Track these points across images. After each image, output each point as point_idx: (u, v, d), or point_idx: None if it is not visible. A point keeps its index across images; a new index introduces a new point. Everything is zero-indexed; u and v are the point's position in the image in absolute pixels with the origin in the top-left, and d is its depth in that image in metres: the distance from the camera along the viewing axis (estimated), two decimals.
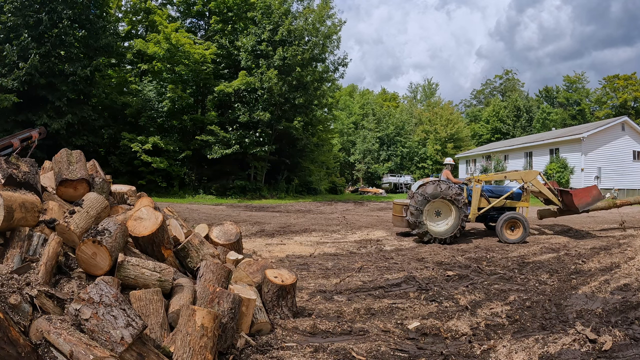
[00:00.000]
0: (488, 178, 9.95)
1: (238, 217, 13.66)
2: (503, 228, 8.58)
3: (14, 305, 2.33)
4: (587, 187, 10.09)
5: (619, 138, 25.65)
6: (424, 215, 8.48)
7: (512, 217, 8.66)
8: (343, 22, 28.44)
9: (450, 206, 8.56)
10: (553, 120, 47.38)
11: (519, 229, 8.64)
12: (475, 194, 9.16)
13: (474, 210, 9.08)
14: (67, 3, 20.71)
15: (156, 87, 26.21)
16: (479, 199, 9.14)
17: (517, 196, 9.48)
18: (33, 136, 7.59)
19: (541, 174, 9.72)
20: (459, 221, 8.47)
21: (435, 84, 65.86)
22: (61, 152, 3.90)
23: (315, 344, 3.23)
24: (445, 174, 9.68)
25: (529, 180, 9.34)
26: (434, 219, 8.70)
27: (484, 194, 9.30)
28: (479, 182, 9.19)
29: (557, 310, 4.14)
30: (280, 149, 26.94)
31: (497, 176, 10.31)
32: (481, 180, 9.28)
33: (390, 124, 48.87)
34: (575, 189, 10.27)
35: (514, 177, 10.05)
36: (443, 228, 8.57)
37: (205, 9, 28.41)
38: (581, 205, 9.24)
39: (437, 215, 8.70)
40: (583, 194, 9.44)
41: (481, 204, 9.21)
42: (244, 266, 4.04)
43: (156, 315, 2.77)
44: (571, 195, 9.23)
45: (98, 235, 2.96)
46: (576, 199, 9.18)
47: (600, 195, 9.79)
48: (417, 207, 8.49)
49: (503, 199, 9.24)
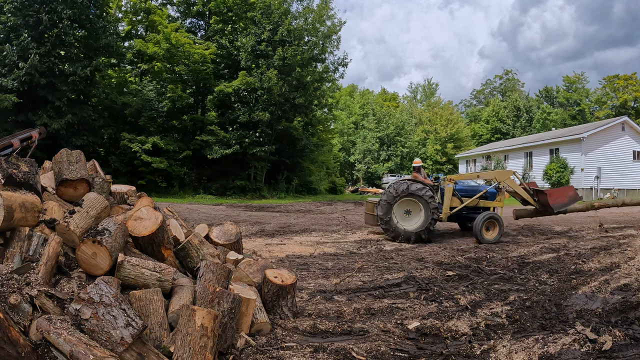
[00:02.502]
0: (460, 178, 9.83)
1: (238, 217, 13.66)
2: (482, 228, 8.51)
3: (14, 305, 2.33)
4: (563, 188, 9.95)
5: (619, 138, 25.65)
6: (392, 212, 8.68)
7: (490, 217, 8.59)
8: (343, 22, 28.49)
9: (419, 205, 8.69)
10: (553, 120, 47.39)
11: (495, 229, 8.62)
12: (447, 193, 9.10)
13: (446, 210, 9.05)
14: (67, 3, 20.71)
15: (156, 87, 26.22)
16: (450, 199, 9.09)
17: (492, 196, 9.39)
18: (33, 136, 7.58)
19: (516, 173, 9.62)
20: (427, 220, 8.55)
21: (435, 84, 65.96)
22: (61, 152, 3.89)
23: (315, 344, 3.23)
24: (413, 176, 9.73)
25: (502, 180, 9.22)
26: (403, 217, 8.84)
27: (456, 194, 9.22)
28: (451, 182, 9.13)
29: (557, 310, 4.14)
30: (280, 149, 26.95)
31: (469, 176, 10.17)
32: (453, 179, 9.21)
33: (390, 124, 48.90)
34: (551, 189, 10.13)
35: (488, 176, 10.02)
36: (411, 226, 8.71)
37: (205, 9, 28.41)
38: (556, 205, 9.11)
39: (407, 214, 8.85)
40: (558, 195, 9.32)
41: (453, 203, 9.14)
42: (244, 266, 4.04)
43: (156, 315, 2.77)
44: (546, 195, 9.10)
45: (98, 235, 2.96)
46: (551, 199, 9.05)
47: (577, 197, 9.65)
48: (386, 205, 8.67)
49: (476, 199, 9.14)
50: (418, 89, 67.52)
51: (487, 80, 68.08)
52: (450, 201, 9.09)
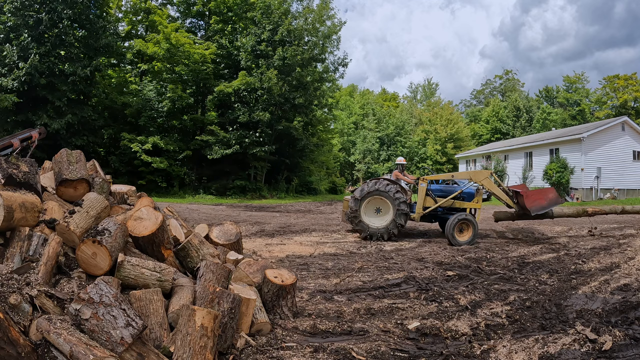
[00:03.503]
0: (434, 177, 9.80)
1: (238, 217, 13.66)
2: (454, 230, 8.38)
3: (14, 305, 2.33)
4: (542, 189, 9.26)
5: (619, 138, 25.63)
6: (361, 210, 8.85)
7: (463, 219, 8.42)
8: (343, 22, 28.50)
9: (388, 203, 8.78)
10: (553, 120, 47.36)
11: (469, 231, 8.43)
12: (420, 193, 9.10)
13: (419, 210, 9.06)
14: (67, 3, 20.72)
15: (156, 87, 26.23)
16: (424, 198, 9.08)
17: (469, 197, 9.23)
18: (33, 136, 7.59)
19: (493, 173, 9.11)
20: (394, 218, 8.67)
21: (435, 84, 65.92)
22: (61, 152, 3.90)
23: (315, 344, 3.23)
24: (394, 174, 9.77)
25: (478, 180, 8.95)
26: (373, 215, 8.98)
27: (430, 193, 9.19)
28: (424, 182, 9.11)
29: (557, 310, 4.14)
30: (280, 149, 26.95)
31: (443, 176, 10.04)
32: (426, 179, 9.18)
33: (391, 124, 48.87)
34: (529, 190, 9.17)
35: (463, 176, 9.89)
36: (379, 224, 8.84)
37: (205, 9, 28.42)
38: (534, 208, 8.47)
39: (377, 212, 9.00)
40: (536, 197, 8.70)
41: (428, 203, 9.11)
42: (244, 266, 4.04)
43: (156, 315, 2.77)
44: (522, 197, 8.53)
45: (98, 235, 2.96)
46: (528, 201, 8.45)
47: (558, 200, 8.94)
48: (355, 203, 8.86)
49: (450, 199, 9.06)
50: (418, 89, 67.50)
51: (487, 80, 68.04)
52: (423, 201, 9.08)
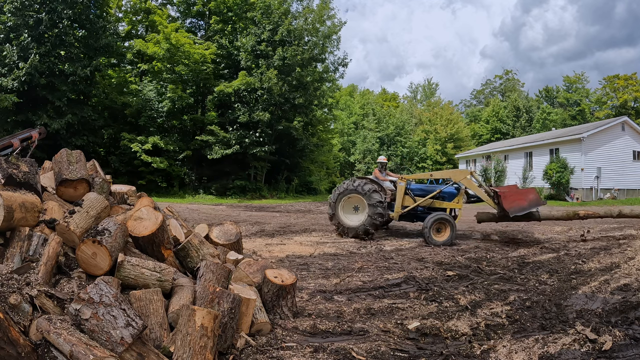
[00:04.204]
0: (414, 177, 9.78)
1: (238, 217, 13.66)
2: (431, 230, 8.29)
3: (14, 305, 2.33)
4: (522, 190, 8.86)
5: (619, 138, 25.63)
6: (338, 208, 9.15)
7: (440, 218, 8.34)
8: (343, 22, 28.49)
9: (364, 202, 8.93)
10: (553, 120, 47.36)
11: (446, 231, 8.30)
12: (398, 192, 9.11)
13: (397, 209, 9.08)
14: (67, 3, 20.72)
15: (156, 87, 26.23)
16: (403, 198, 9.09)
17: (450, 196, 9.12)
18: (33, 136, 7.59)
19: (474, 173, 8.83)
20: (368, 216, 8.81)
21: (435, 84, 65.92)
22: (61, 152, 3.90)
23: (315, 344, 3.23)
24: (374, 173, 9.87)
25: (458, 180, 8.83)
26: (351, 213, 9.21)
27: (409, 193, 9.19)
28: (403, 181, 9.12)
29: (557, 310, 4.14)
30: (280, 149, 26.95)
31: (422, 175, 10.01)
32: (405, 178, 9.19)
33: (391, 124, 48.87)
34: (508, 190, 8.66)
35: (442, 176, 9.87)
36: (355, 222, 9.05)
37: (205, 9, 28.43)
38: (512, 209, 7.99)
39: (355, 210, 9.20)
40: (516, 197, 8.25)
41: (407, 202, 9.12)
42: (244, 266, 4.04)
43: (156, 315, 2.77)
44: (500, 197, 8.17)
45: (98, 235, 2.96)
46: (506, 201, 8.02)
47: (539, 201, 8.43)
48: (333, 201, 9.19)
49: (429, 199, 9.01)
50: (418, 89, 67.51)
51: (487, 80, 68.07)
52: (402, 200, 9.08)
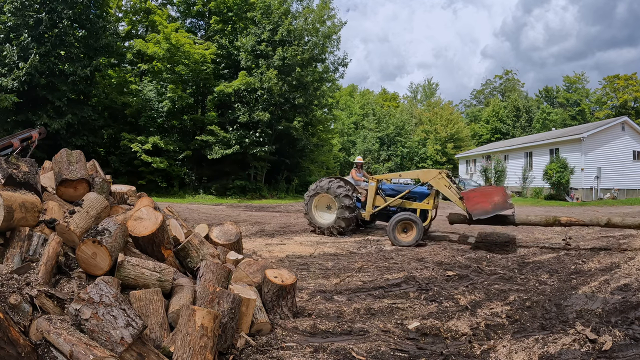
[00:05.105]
0: (383, 177, 9.82)
1: (238, 217, 13.66)
2: (395, 230, 8.17)
3: (14, 305, 2.33)
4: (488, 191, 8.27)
5: (619, 138, 25.63)
6: (312, 206, 9.62)
7: (404, 218, 8.25)
8: (343, 22, 28.49)
9: (335, 202, 9.28)
10: (553, 120, 47.38)
11: (412, 231, 8.16)
12: (369, 192, 9.21)
13: (369, 209, 9.21)
14: (67, 3, 20.72)
15: (156, 87, 26.23)
16: (374, 197, 9.18)
17: (421, 197, 9.03)
18: (33, 136, 7.60)
19: (442, 172, 8.44)
20: (338, 215, 9.18)
21: (435, 84, 65.94)
22: (61, 152, 3.90)
23: (315, 344, 3.23)
24: (351, 173, 10.20)
25: (426, 180, 8.62)
26: (324, 211, 9.68)
27: (380, 193, 9.28)
28: (373, 181, 9.19)
29: (557, 310, 4.14)
30: (280, 149, 26.95)
31: (392, 175, 10.01)
32: (375, 178, 9.25)
33: (391, 124, 48.89)
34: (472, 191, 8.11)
35: (411, 176, 9.92)
36: (326, 221, 9.50)
37: (205, 9, 28.43)
38: (475, 212, 7.43)
39: (329, 209, 9.64)
40: (479, 199, 7.63)
41: (378, 202, 9.19)
42: (244, 266, 4.04)
43: (156, 315, 2.77)
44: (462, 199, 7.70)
45: (98, 235, 2.96)
46: (469, 203, 7.51)
47: (505, 204, 7.77)
48: (307, 200, 9.66)
49: (398, 199, 9.00)
50: (418, 89, 67.55)
51: (487, 80, 68.12)
52: (373, 200, 9.18)
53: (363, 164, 10.52)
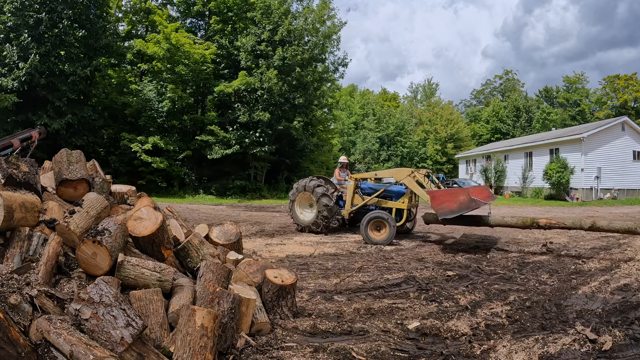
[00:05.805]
0: (361, 176, 9.91)
1: (238, 217, 13.66)
2: (367, 228, 8.22)
3: (14, 305, 2.33)
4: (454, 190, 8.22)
5: (619, 138, 25.63)
6: (295, 205, 10.04)
7: (376, 217, 8.28)
8: (343, 22, 28.48)
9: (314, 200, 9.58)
10: (553, 120, 47.39)
11: (385, 229, 8.19)
12: (348, 191, 9.38)
13: (347, 207, 9.38)
14: (67, 3, 20.73)
15: (156, 87, 26.24)
16: (352, 196, 9.32)
17: (397, 196, 9.09)
18: (33, 136, 7.59)
19: (415, 171, 8.41)
20: (317, 214, 9.48)
21: (435, 84, 65.94)
22: (61, 152, 3.89)
23: (315, 344, 3.23)
24: (335, 172, 10.50)
25: (400, 179, 8.65)
26: (306, 209, 10.03)
27: (358, 192, 9.43)
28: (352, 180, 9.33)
29: (557, 310, 4.14)
30: (280, 149, 26.96)
31: (368, 174, 10.08)
32: (353, 178, 9.39)
33: (391, 124, 48.89)
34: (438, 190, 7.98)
35: (385, 175, 10.17)
36: (307, 218, 9.87)
37: (205, 9, 28.43)
38: (441, 212, 7.18)
39: (310, 207, 9.95)
40: (445, 199, 7.48)
41: (357, 201, 9.35)
42: (244, 266, 4.04)
43: (156, 315, 2.77)
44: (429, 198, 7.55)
45: (98, 235, 2.96)
46: (434, 202, 7.30)
47: (470, 204, 7.66)
48: (291, 198, 10.08)
49: (374, 198, 9.10)
50: (418, 89, 67.55)
51: (487, 80, 68.19)
52: (352, 199, 9.34)
53: (347, 164, 10.83)
